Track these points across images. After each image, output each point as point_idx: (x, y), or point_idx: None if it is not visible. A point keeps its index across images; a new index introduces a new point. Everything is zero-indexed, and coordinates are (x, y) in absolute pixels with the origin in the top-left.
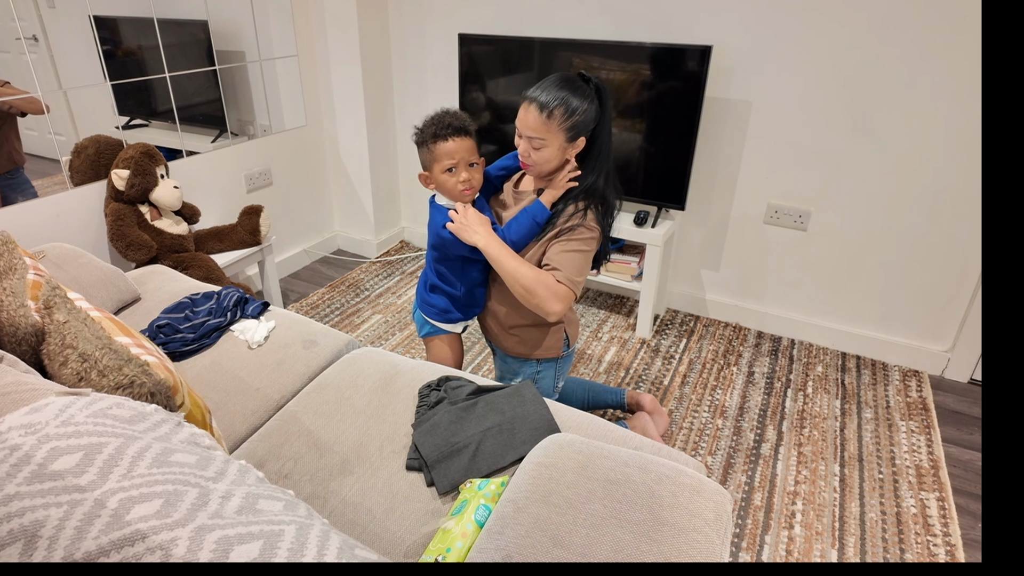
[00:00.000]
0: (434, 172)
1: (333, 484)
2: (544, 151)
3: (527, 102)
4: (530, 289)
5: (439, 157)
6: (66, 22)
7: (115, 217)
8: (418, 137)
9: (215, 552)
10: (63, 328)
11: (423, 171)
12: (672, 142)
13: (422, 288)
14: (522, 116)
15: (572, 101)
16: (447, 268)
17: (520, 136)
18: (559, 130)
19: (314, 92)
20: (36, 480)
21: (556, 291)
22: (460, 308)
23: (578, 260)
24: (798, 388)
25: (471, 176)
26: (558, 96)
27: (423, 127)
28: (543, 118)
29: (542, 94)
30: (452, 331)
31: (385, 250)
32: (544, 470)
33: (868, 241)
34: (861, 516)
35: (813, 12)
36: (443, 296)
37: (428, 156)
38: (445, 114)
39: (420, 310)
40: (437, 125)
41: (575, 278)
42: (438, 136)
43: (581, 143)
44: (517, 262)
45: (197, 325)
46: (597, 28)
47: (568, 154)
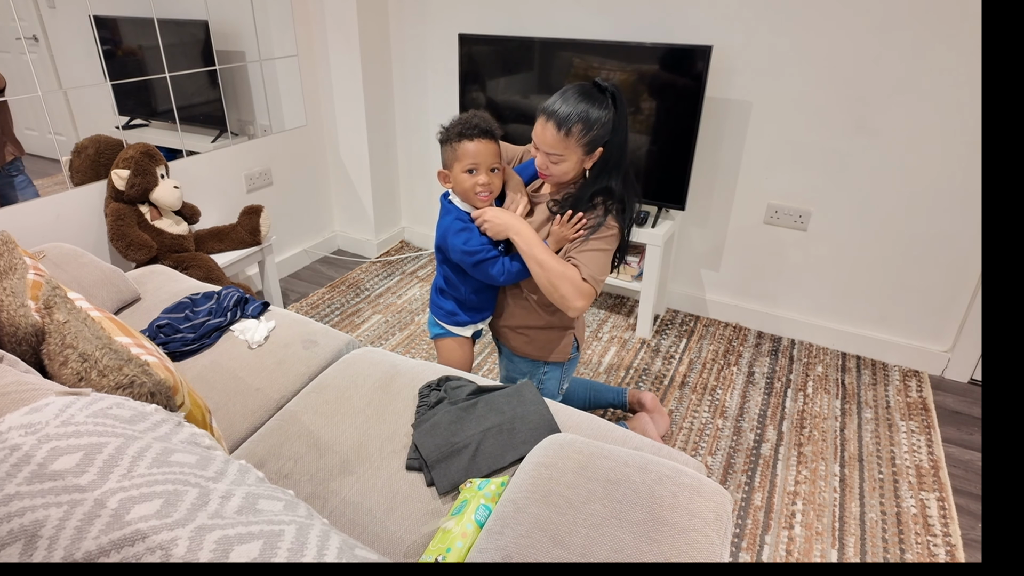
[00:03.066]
0: (454, 171)
1: (333, 484)
2: (563, 165)
3: (544, 117)
4: (555, 284)
5: (461, 156)
6: (66, 22)
7: (115, 217)
8: (443, 135)
9: (215, 552)
10: (63, 328)
11: (443, 168)
12: (672, 142)
13: (433, 290)
14: (539, 132)
15: (591, 116)
16: (451, 270)
17: (537, 149)
18: (577, 146)
19: (314, 92)
20: (36, 480)
21: (581, 288)
22: (467, 311)
23: (600, 259)
24: (798, 388)
25: (491, 180)
26: (577, 112)
27: (450, 125)
28: (561, 135)
29: (561, 108)
30: (461, 334)
31: (385, 250)
32: (544, 470)
33: (868, 241)
34: (861, 516)
35: (813, 12)
36: (450, 299)
37: (451, 154)
38: (473, 115)
39: (431, 311)
40: (464, 124)
41: (598, 276)
42: (463, 135)
43: (599, 153)
44: (547, 254)
45: (197, 325)
46: (597, 28)
47: (586, 164)
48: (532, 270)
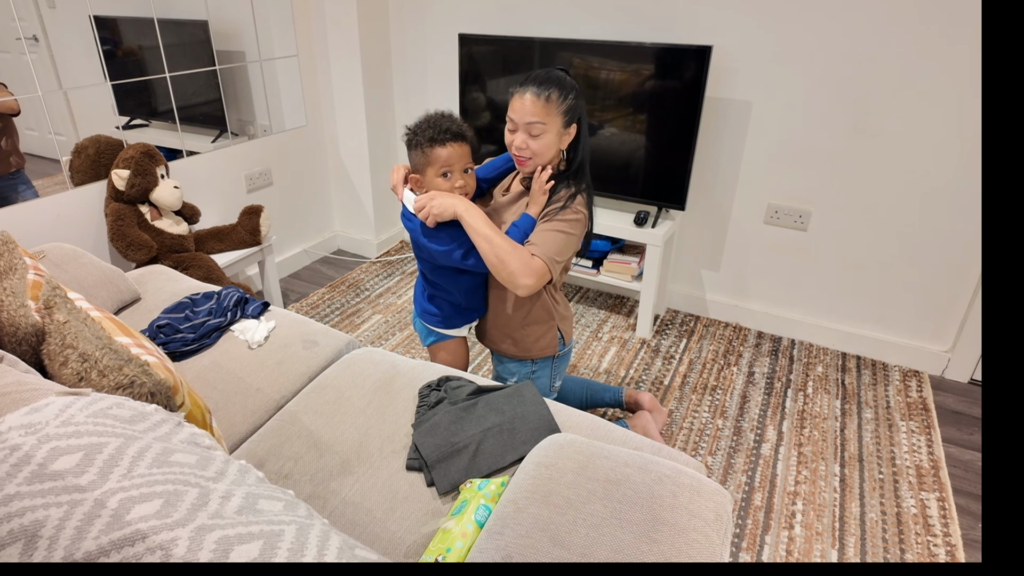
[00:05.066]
0: (427, 176)
1: (333, 484)
2: (543, 138)
3: (520, 92)
4: (503, 259)
5: (434, 161)
6: (66, 22)
7: (115, 217)
8: (411, 139)
9: (215, 552)
10: (63, 328)
11: (414, 174)
12: (672, 142)
13: (420, 298)
14: (518, 105)
15: (563, 83)
16: (440, 277)
17: (514, 130)
18: (558, 113)
19: (314, 92)
20: (36, 480)
21: (530, 264)
22: (462, 312)
23: (559, 240)
24: (798, 388)
25: (466, 182)
26: (548, 81)
27: (417, 129)
28: (541, 102)
29: (533, 79)
30: (457, 335)
31: (385, 250)
32: (544, 470)
33: (868, 241)
34: (861, 516)
35: (813, 12)
36: (443, 302)
37: (422, 159)
38: (442, 117)
39: (421, 319)
40: (435, 129)
41: (554, 256)
42: (435, 141)
43: (573, 130)
44: (493, 231)
45: (197, 325)
46: (597, 28)
47: (563, 142)
48: (480, 247)
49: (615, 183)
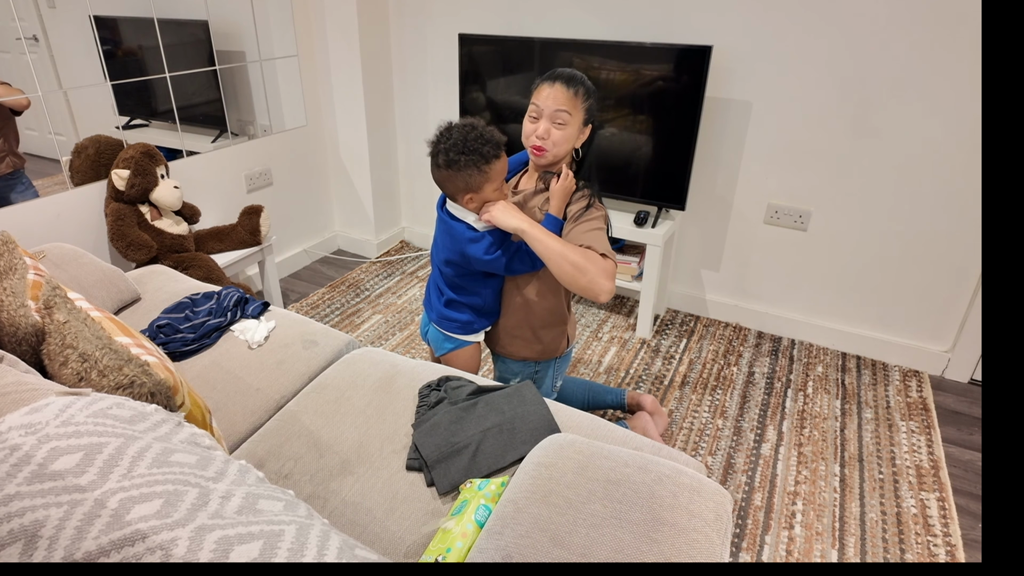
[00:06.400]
0: (485, 191)
1: (333, 484)
2: (566, 129)
3: (549, 82)
4: (581, 267)
5: (494, 177)
6: (66, 22)
7: (115, 217)
8: (472, 159)
9: (215, 552)
10: (63, 328)
11: (468, 194)
12: (672, 142)
13: (437, 304)
14: (547, 93)
15: (588, 85)
16: (469, 281)
17: (537, 118)
18: (582, 108)
19: (314, 92)
20: (36, 480)
21: (605, 267)
22: (483, 316)
23: (603, 237)
24: (798, 388)
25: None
26: (576, 78)
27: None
28: (571, 93)
29: (561, 76)
30: (475, 340)
31: (385, 250)
32: (544, 470)
33: (868, 241)
34: (861, 516)
35: (813, 12)
36: (465, 308)
37: (480, 178)
38: (485, 129)
39: (438, 327)
40: (487, 144)
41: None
42: (493, 156)
43: (588, 131)
44: (562, 243)
45: (197, 325)
46: (597, 28)
47: (578, 140)
48: (551, 260)
49: (615, 183)
